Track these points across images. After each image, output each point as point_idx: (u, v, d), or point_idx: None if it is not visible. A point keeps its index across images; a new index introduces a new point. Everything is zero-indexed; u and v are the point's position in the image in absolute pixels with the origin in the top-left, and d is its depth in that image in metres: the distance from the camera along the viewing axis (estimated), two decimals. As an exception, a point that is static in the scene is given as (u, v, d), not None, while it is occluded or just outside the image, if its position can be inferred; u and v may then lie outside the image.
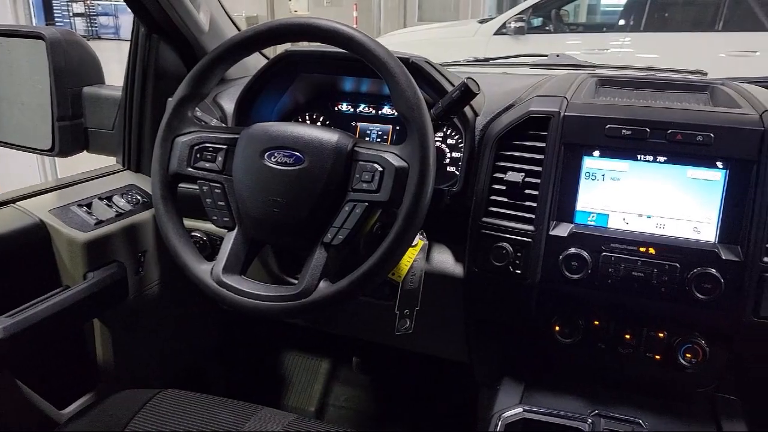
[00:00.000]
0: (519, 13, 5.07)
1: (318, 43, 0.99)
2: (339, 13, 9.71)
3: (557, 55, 1.56)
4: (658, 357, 1.04)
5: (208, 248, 1.33)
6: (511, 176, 1.06)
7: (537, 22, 5.48)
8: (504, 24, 5.13)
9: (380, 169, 0.91)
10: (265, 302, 0.93)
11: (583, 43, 5.27)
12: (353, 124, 1.32)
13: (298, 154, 0.94)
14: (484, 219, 1.08)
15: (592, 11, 8.56)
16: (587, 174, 1.04)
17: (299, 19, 0.97)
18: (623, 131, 1.00)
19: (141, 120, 1.40)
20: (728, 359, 1.01)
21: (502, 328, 1.18)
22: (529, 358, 1.15)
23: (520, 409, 0.99)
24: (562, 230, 1.03)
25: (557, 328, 1.08)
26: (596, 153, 1.03)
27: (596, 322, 1.07)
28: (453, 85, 1.09)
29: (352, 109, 1.33)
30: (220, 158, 1.00)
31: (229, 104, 1.31)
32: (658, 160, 1.00)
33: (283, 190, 0.94)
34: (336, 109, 1.34)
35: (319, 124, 1.34)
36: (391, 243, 0.89)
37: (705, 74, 1.47)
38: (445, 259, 1.17)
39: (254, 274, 1.32)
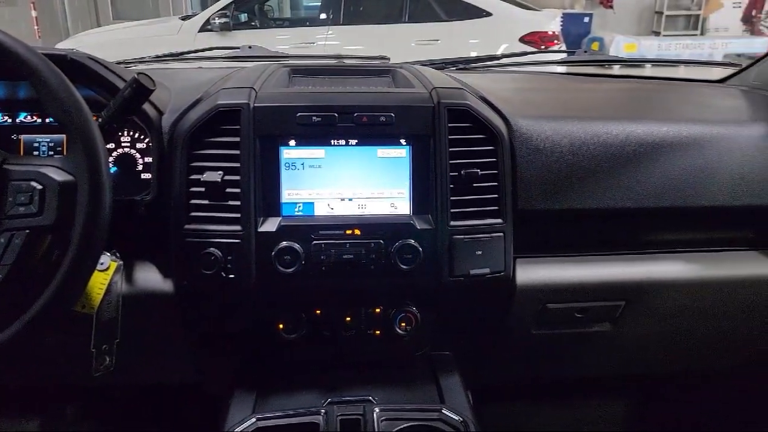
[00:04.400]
0: (222, 9, 4.98)
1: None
2: (13, 13, 8.33)
3: (249, 47, 1.52)
4: (378, 332, 1.08)
5: None
6: (208, 176, 0.98)
7: (243, 17, 5.46)
8: (208, 20, 4.99)
9: (39, 187, 0.77)
10: None
11: (292, 37, 5.41)
12: (14, 137, 1.10)
13: None
14: (187, 226, 0.99)
15: (296, 6, 8.86)
16: (287, 164, 1.02)
17: None
18: (313, 118, 1.00)
19: None
20: (437, 320, 1.10)
21: (228, 337, 1.11)
22: (259, 363, 1.10)
23: (252, 420, 0.94)
24: (271, 225, 1.00)
25: (281, 325, 1.05)
26: (292, 142, 1.02)
27: (318, 312, 1.06)
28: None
29: (9, 120, 1.10)
30: None
31: None
32: (350, 143, 1.02)
33: None
34: None
35: (-34, 141, 1.09)
36: (66, 273, 0.75)
37: (388, 59, 1.58)
38: (149, 277, 1.05)
39: None
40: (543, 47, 4.93)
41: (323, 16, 5.49)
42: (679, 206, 1.11)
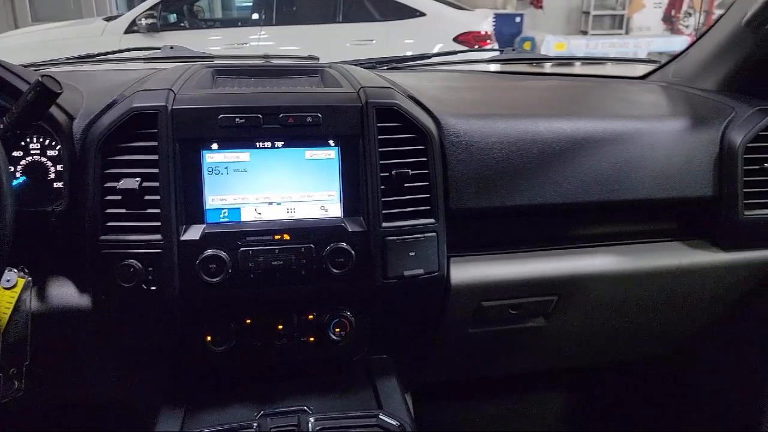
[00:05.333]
0: (148, 9, 4.80)
1: None
2: None
3: (171, 47, 1.46)
4: (312, 339, 1.05)
5: None
6: (125, 183, 0.93)
7: (172, 18, 5.30)
8: (134, 21, 4.81)
9: None
10: None
11: (224, 38, 5.30)
12: None
13: None
14: (103, 237, 0.93)
15: (227, 7, 8.65)
16: (210, 169, 0.97)
17: None
18: (237, 120, 0.96)
19: None
20: (372, 323, 1.08)
21: (153, 352, 1.05)
22: (187, 377, 1.05)
23: (180, 438, 0.89)
24: (194, 233, 0.95)
25: (209, 337, 1.00)
26: (215, 146, 0.97)
27: (248, 321, 1.02)
28: None
29: None
30: None
31: None
32: (276, 145, 0.99)
33: None
34: None
35: None
36: None
37: (317, 59, 1.54)
38: (64, 293, 0.98)
39: None
40: (476, 47, 5.00)
41: (255, 16, 5.39)
42: (606, 200, 1.13)
